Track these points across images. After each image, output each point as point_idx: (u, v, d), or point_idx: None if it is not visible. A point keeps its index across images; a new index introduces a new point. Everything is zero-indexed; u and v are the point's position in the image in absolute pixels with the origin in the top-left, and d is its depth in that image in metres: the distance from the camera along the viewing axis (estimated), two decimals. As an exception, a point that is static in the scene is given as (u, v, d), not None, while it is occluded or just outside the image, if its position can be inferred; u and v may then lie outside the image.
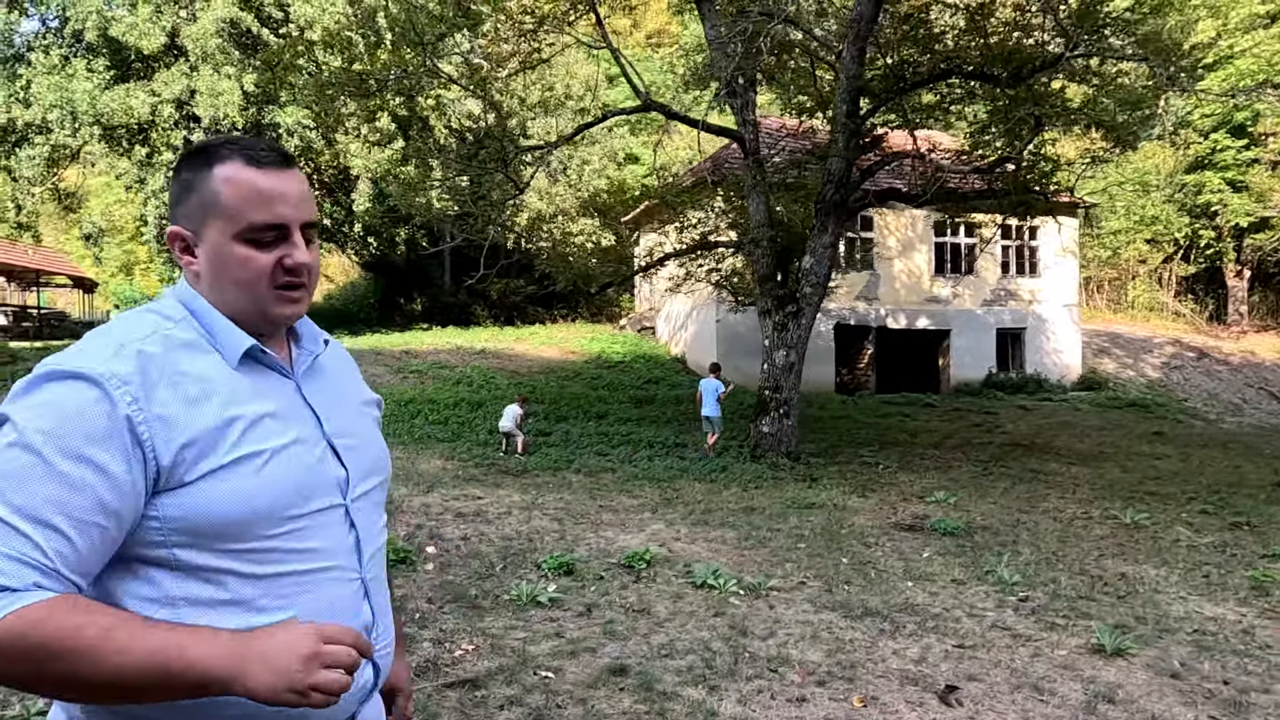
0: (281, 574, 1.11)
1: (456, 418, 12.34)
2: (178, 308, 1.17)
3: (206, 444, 1.06)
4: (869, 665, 4.04)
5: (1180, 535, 8.12)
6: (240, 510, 1.07)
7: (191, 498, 1.05)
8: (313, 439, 1.18)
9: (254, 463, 1.09)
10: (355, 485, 1.22)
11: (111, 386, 1.02)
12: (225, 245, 1.14)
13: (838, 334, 20.37)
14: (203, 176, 1.15)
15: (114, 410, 1.02)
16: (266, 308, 1.17)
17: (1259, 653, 4.64)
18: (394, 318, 24.53)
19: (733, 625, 4.51)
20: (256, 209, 1.14)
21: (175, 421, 1.05)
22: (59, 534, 0.97)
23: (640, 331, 22.65)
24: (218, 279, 1.16)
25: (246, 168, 1.15)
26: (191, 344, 1.13)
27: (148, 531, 1.05)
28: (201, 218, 1.15)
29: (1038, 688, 3.85)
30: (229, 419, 1.09)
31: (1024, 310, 21.79)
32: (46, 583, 0.97)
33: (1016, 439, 15.03)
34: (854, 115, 11.07)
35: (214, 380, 1.11)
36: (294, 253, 1.17)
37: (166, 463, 1.04)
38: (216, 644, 0.99)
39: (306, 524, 1.13)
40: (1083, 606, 5.32)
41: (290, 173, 1.18)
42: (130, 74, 17.21)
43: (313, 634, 1.02)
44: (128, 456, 1.01)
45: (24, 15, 16.76)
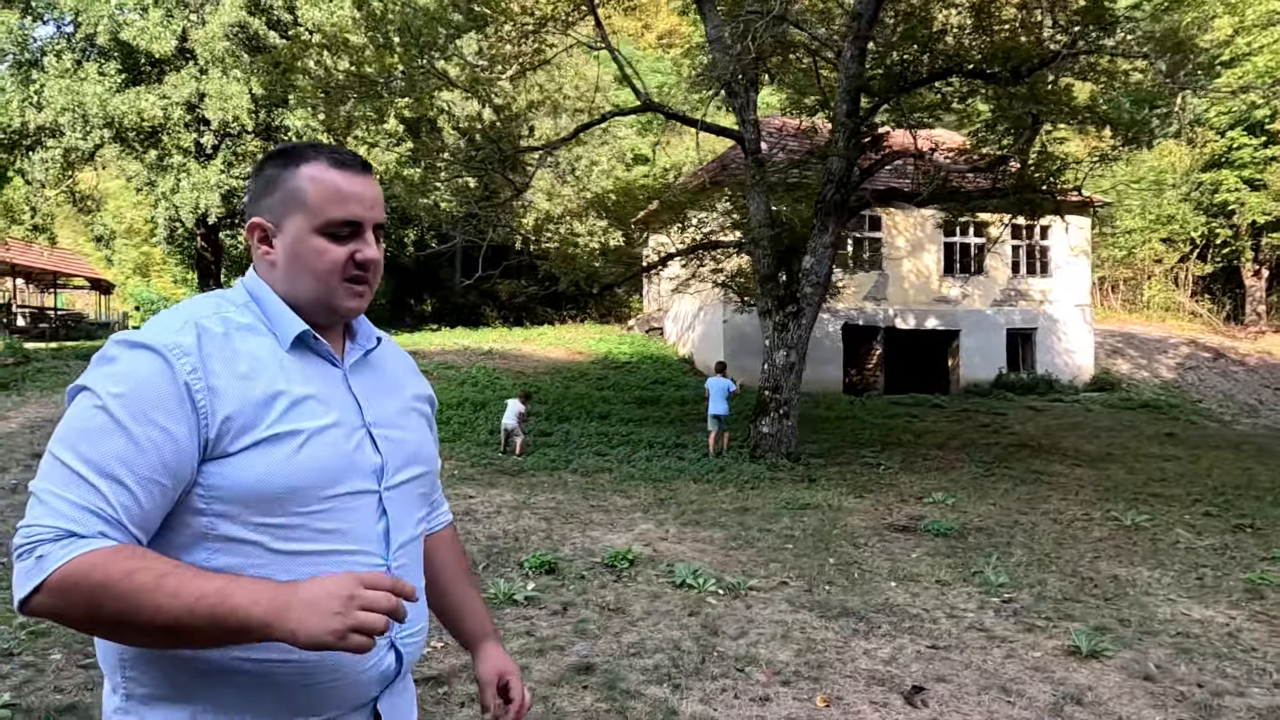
0: (306, 552, 1.14)
1: (459, 418, 12.39)
2: (242, 293, 1.25)
3: (250, 417, 1.12)
4: (837, 665, 4.02)
5: (1180, 537, 8.03)
6: (276, 484, 1.12)
7: (232, 468, 1.11)
8: (351, 424, 1.22)
9: (293, 441, 1.14)
10: (391, 473, 1.25)
11: (174, 356, 1.10)
12: (305, 237, 1.22)
13: (846, 334, 20.28)
14: (289, 174, 1.23)
15: (175, 377, 1.09)
16: (335, 298, 1.23)
17: (1241, 656, 4.57)
18: (404, 318, 24.68)
19: (705, 625, 4.50)
20: (336, 206, 1.21)
21: (225, 393, 1.11)
22: (125, 488, 1.06)
23: (648, 332, 22.64)
24: (293, 268, 1.23)
25: (331, 169, 1.23)
26: (249, 327, 1.20)
27: (193, 498, 1.11)
28: (283, 211, 1.23)
29: (1006, 689, 3.81)
30: (273, 394, 1.15)
31: (1035, 310, 21.59)
32: (111, 532, 1.05)
33: (1023, 440, 14.89)
34: (854, 114, 11.02)
35: (264, 359, 1.17)
36: (365, 249, 1.24)
37: (213, 433, 1.10)
38: (259, 591, 1.03)
39: (336, 505, 1.17)
40: (1067, 608, 5.27)
41: (368, 178, 1.26)
42: (141, 77, 17.41)
43: (351, 578, 1.05)
44: (188, 420, 1.09)
45: (38, 21, 17.02)
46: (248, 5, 17.39)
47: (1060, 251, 21.65)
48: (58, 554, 1.01)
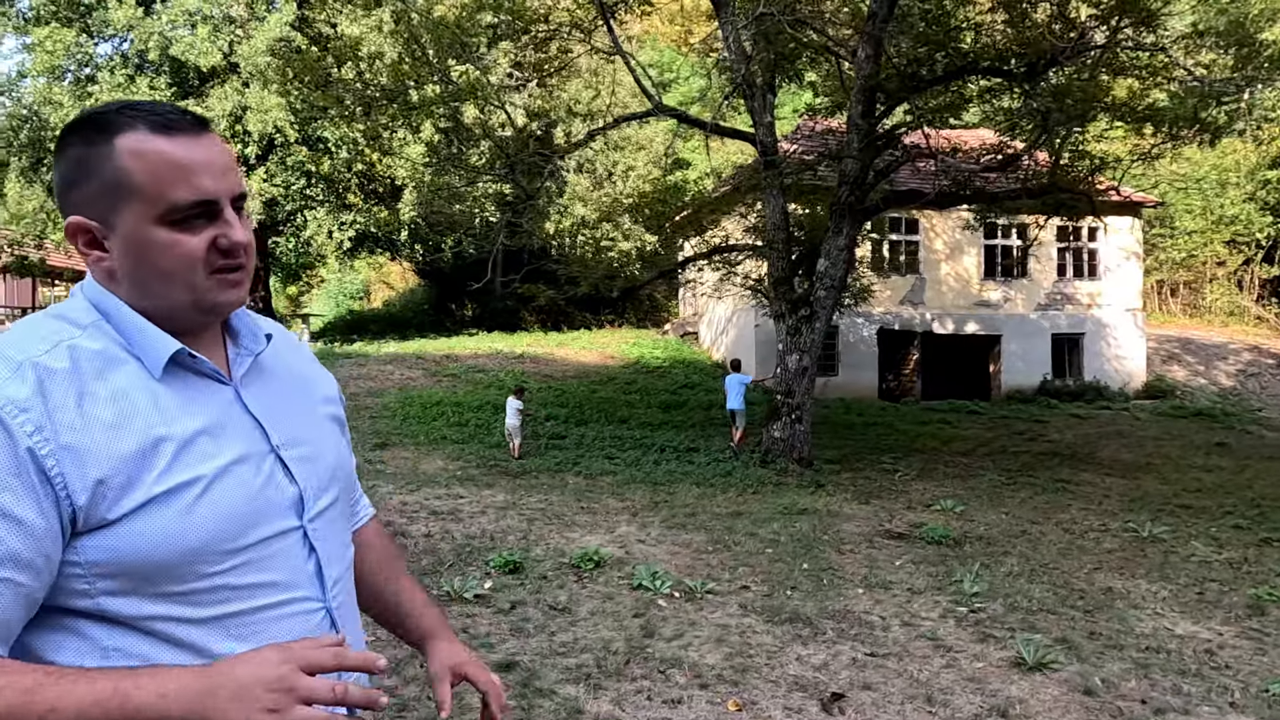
0: (232, 614, 0.96)
1: (477, 420, 12.56)
2: (86, 310, 0.99)
3: (130, 475, 0.91)
4: (765, 670, 3.97)
5: (1196, 550, 7.70)
6: (176, 549, 0.92)
7: (117, 539, 0.90)
8: (257, 455, 1.01)
9: (189, 492, 0.93)
10: (312, 503, 1.06)
11: (8, 415, 0.87)
12: (144, 232, 0.96)
13: (881, 339, 19.93)
14: (101, 152, 0.96)
15: (13, 444, 0.86)
16: (205, 297, 0.99)
17: (1209, 673, 4.37)
18: (445, 323, 25.12)
19: (645, 627, 4.49)
20: (178, 185, 0.96)
21: (89, 451, 0.89)
22: None
23: (683, 337, 22.62)
24: (139, 273, 0.98)
25: (154, 136, 0.96)
26: (103, 354, 0.95)
27: (69, 579, 0.90)
28: (109, 203, 0.96)
29: (931, 699, 3.71)
30: (154, 441, 0.93)
31: (1082, 314, 20.89)
32: None
33: (1058, 448, 14.43)
34: (869, 115, 10.86)
35: (133, 396, 0.94)
36: (229, 231, 0.99)
37: (83, 501, 0.89)
38: (168, 682, 0.84)
39: (256, 554, 0.98)
40: (1038, 619, 5.10)
41: (208, 137, 1.00)
42: (189, 91, 18.14)
43: (285, 663, 0.86)
44: (36, 497, 0.87)
45: (94, 39, 17.87)
46: (292, 21, 17.97)
47: (1110, 253, 20.93)
48: None
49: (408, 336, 22.60)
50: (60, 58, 17.14)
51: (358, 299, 31.09)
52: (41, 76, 17.39)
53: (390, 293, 30.71)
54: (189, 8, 17.73)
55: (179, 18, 17.84)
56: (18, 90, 17.61)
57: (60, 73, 17.53)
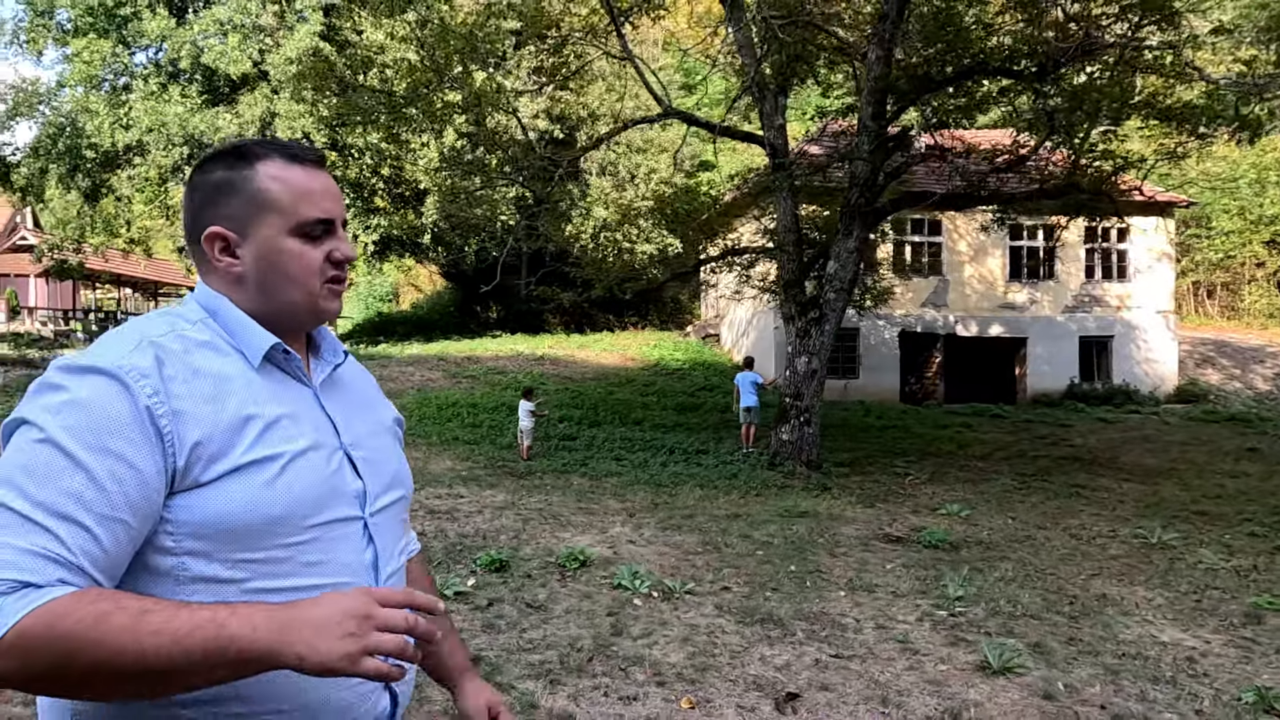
0: (293, 588, 1.04)
1: (491, 421, 12.72)
2: (196, 310, 1.15)
3: (223, 443, 1.02)
4: (725, 670, 4.02)
5: (1204, 557, 7.56)
6: (258, 515, 1.02)
7: (207, 500, 1.00)
8: (329, 447, 1.13)
9: (271, 466, 1.04)
10: (374, 499, 1.17)
11: (131, 379, 0.99)
12: (279, 241, 1.13)
13: (903, 342, 19.77)
14: (245, 175, 1.14)
15: (135, 401, 0.98)
16: (317, 302, 1.16)
17: (1184, 680, 4.32)
18: (470, 325, 25.41)
19: (615, 625, 4.56)
20: (308, 205, 1.14)
21: (192, 417, 1.01)
22: (83, 529, 0.93)
23: (705, 339, 22.64)
24: (268, 277, 1.14)
25: (290, 165, 1.15)
26: (209, 344, 1.10)
27: (160, 536, 1.00)
28: (248, 216, 1.13)
29: (887, 700, 3.73)
30: (245, 417, 1.05)
31: (1111, 317, 20.52)
32: (72, 578, 0.92)
33: (1079, 453, 14.20)
34: (879, 117, 10.81)
35: (231, 379, 1.07)
36: (342, 246, 1.17)
37: (183, 461, 1.00)
38: (256, 615, 0.92)
39: (322, 534, 1.08)
40: (1018, 625, 5.07)
41: (325, 172, 1.19)
42: (220, 98, 18.60)
43: (363, 594, 0.95)
44: (151, 448, 0.98)
45: (129, 49, 18.39)
46: (320, 31, 18.33)
47: (1140, 254, 20.54)
48: (11, 608, 0.87)
49: (432, 338, 22.92)
50: (97, 68, 17.68)
51: (387, 301, 31.55)
52: (79, 86, 17.94)
53: (418, 295, 31.12)
54: (220, 17, 18.18)
55: (210, 27, 18.30)
56: (57, 99, 18.20)
57: (97, 82, 18.08)
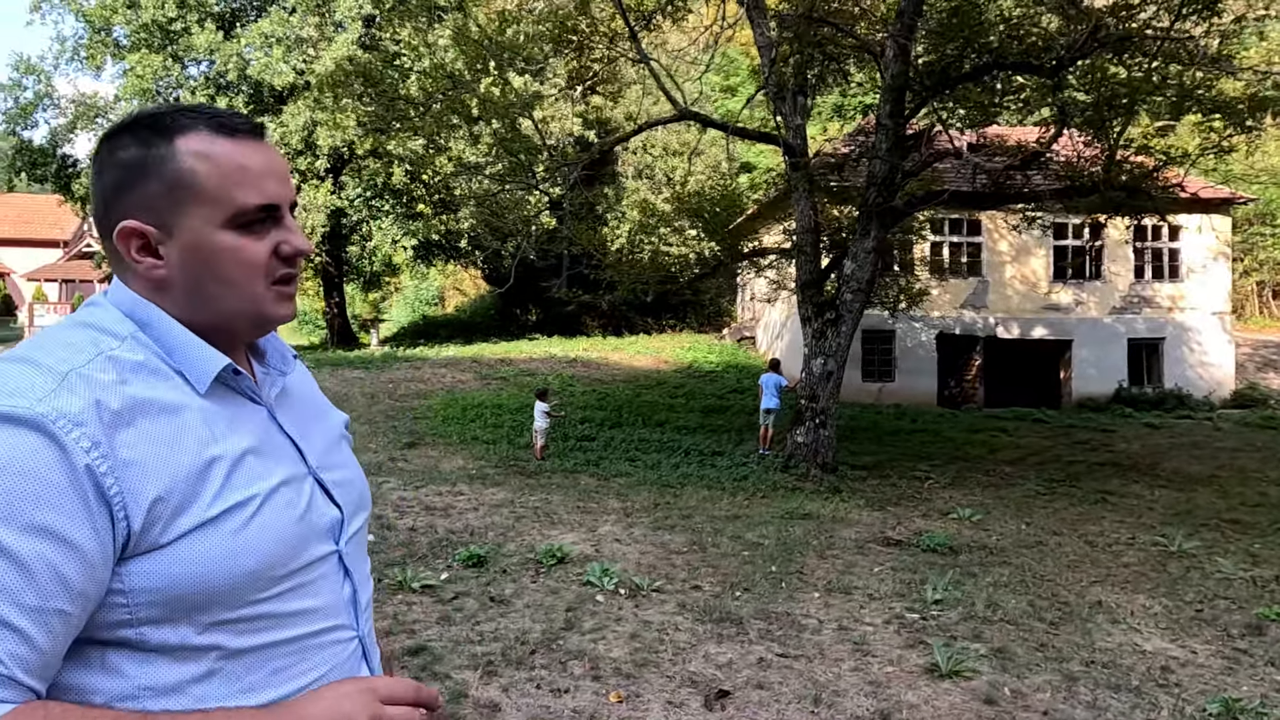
0: (273, 644, 0.91)
1: (513, 421, 12.87)
2: (120, 320, 0.92)
3: (185, 494, 0.85)
4: (665, 666, 4.02)
5: (1222, 567, 7.28)
6: (229, 574, 0.87)
7: (168, 563, 0.84)
8: (298, 477, 0.98)
9: (242, 513, 0.88)
10: (347, 525, 1.03)
11: (62, 431, 0.79)
12: (209, 236, 0.92)
13: (941, 344, 19.38)
14: (162, 154, 0.91)
15: (68, 460, 0.79)
16: (263, 308, 0.96)
17: (1149, 689, 4.17)
18: (510, 328, 25.76)
19: (570, 620, 4.60)
20: (245, 188, 0.92)
21: (145, 468, 0.83)
22: (11, 630, 0.76)
23: (740, 341, 22.55)
24: (198, 280, 0.93)
25: (218, 137, 0.93)
26: (146, 366, 0.89)
27: (110, 609, 0.83)
28: (170, 206, 0.91)
29: (819, 699, 3.69)
30: (209, 460, 0.88)
31: (1162, 319, 19.79)
32: (3, 693, 0.76)
33: (1118, 458, 13.74)
34: (897, 115, 10.65)
35: (180, 411, 0.89)
36: (290, 237, 0.96)
37: (138, 523, 0.82)
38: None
39: (301, 579, 0.94)
40: (989, 630, 4.95)
41: (266, 143, 0.98)
42: (264, 109, 19.25)
43: (367, 694, 0.85)
44: (92, 519, 0.80)
45: (179, 63, 19.18)
46: (359, 39, 18.83)
47: (1194, 253, 19.76)
48: None
49: (472, 340, 23.29)
50: (149, 81, 18.47)
51: (432, 305, 32.21)
52: (134, 99, 18.76)
53: (462, 299, 31.66)
54: (265, 30, 18.82)
55: (256, 40, 18.95)
56: (113, 112, 19.07)
57: (150, 95, 18.89)
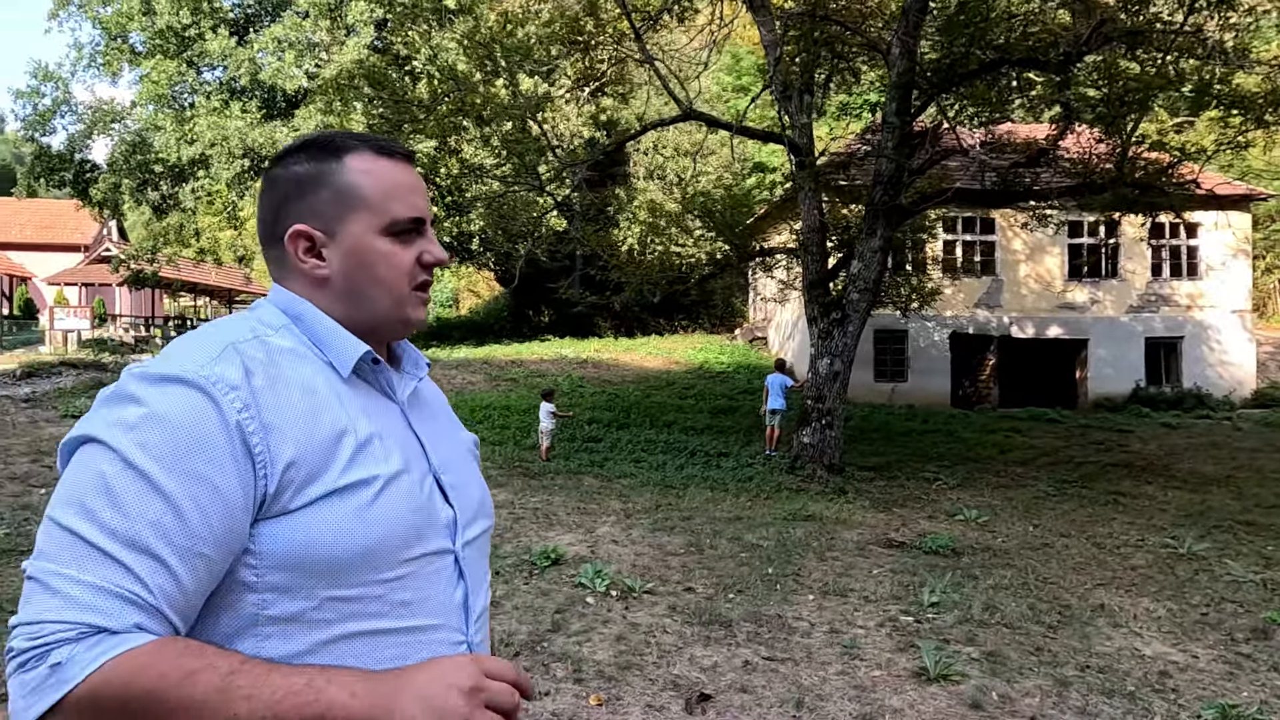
0: (384, 631, 0.94)
1: (520, 423, 12.87)
2: (277, 315, 1.03)
3: (316, 463, 0.91)
4: (649, 669, 3.99)
5: (1231, 570, 7.15)
6: (351, 546, 0.91)
7: (297, 528, 0.89)
8: (420, 471, 1.02)
9: (367, 490, 0.93)
10: (464, 528, 1.06)
11: (218, 391, 0.88)
12: (369, 240, 1.02)
13: (955, 344, 19.20)
14: (331, 168, 1.03)
15: (222, 417, 0.87)
16: (404, 310, 1.05)
17: (1144, 694, 4.09)
18: (523, 329, 25.80)
19: (557, 622, 4.58)
20: (399, 201, 1.04)
21: (284, 433, 0.91)
22: (162, 565, 0.82)
23: (752, 342, 22.46)
24: (355, 279, 1.03)
25: (380, 158, 1.05)
26: (294, 352, 0.99)
27: (241, 569, 0.89)
28: (336, 213, 1.02)
29: (802, 703, 3.65)
30: (339, 433, 0.94)
31: (1181, 317, 19.51)
32: (150, 624, 0.82)
33: (1132, 459, 13.55)
34: (903, 113, 10.56)
35: (321, 391, 0.97)
36: (432, 248, 1.07)
37: (274, 485, 0.89)
38: (356, 682, 0.85)
39: (416, 569, 0.97)
40: (984, 633, 4.88)
41: (413, 166, 1.10)
42: (277, 113, 19.41)
43: (472, 665, 0.90)
44: (239, 470, 0.87)
45: (194, 69, 19.38)
46: (370, 44, 18.96)
47: (1213, 250, 19.46)
48: (84, 658, 0.78)
49: (485, 342, 23.35)
50: (164, 87, 18.68)
51: (447, 307, 32.34)
52: (149, 104, 18.98)
53: (476, 301, 31.76)
54: (277, 35, 18.97)
55: (269, 45, 19.11)
56: (129, 117, 19.31)
57: (165, 100, 19.10)
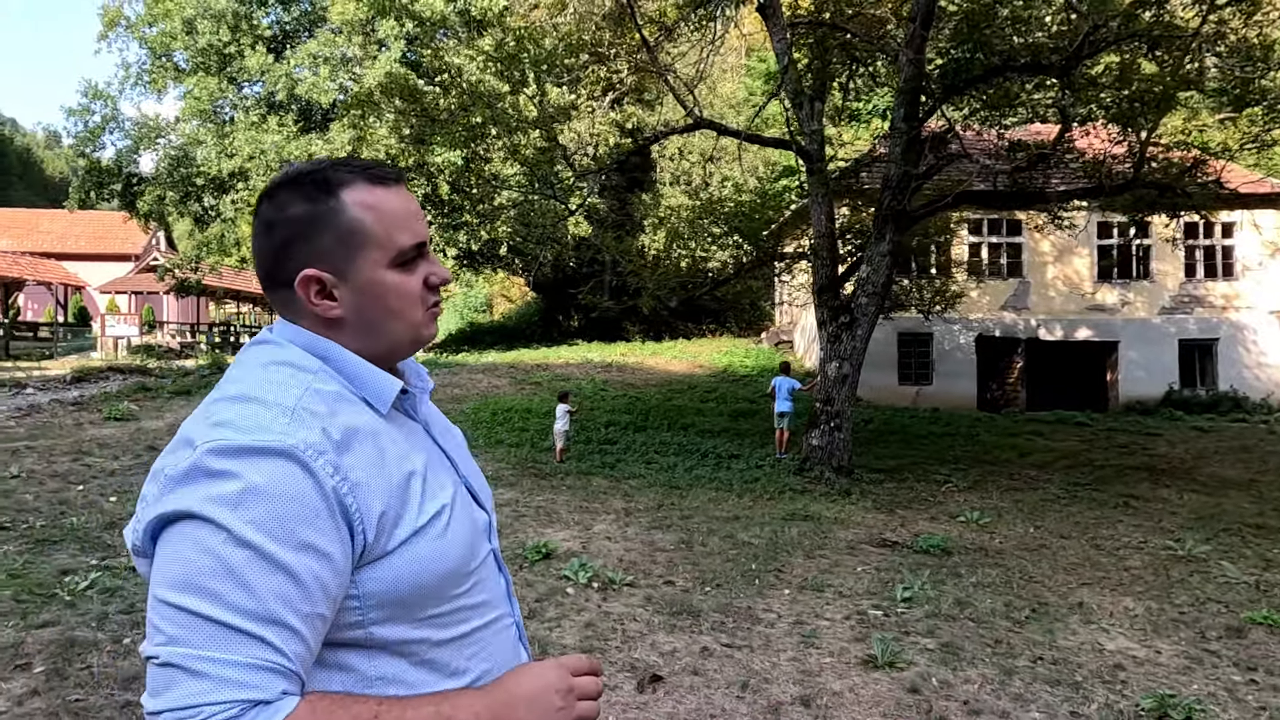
0: (468, 633, 1.06)
1: (539, 425, 13.20)
2: (307, 357, 1.04)
3: (399, 508, 0.98)
4: (612, 652, 4.25)
5: (1226, 571, 7.17)
6: (437, 574, 1.00)
7: (393, 569, 0.97)
8: (456, 484, 1.11)
9: (440, 521, 1.02)
10: (493, 526, 1.18)
11: (309, 458, 0.92)
12: (379, 275, 1.04)
13: (981, 346, 19.11)
14: (332, 208, 1.03)
15: (319, 485, 0.91)
16: (420, 332, 1.10)
17: (1091, 685, 4.23)
18: (553, 333, 26.22)
19: (534, 609, 4.85)
20: (402, 231, 1.05)
21: (370, 487, 0.96)
22: (293, 632, 0.88)
23: (778, 345, 22.56)
24: (371, 315, 1.05)
25: (375, 188, 1.05)
26: (339, 395, 1.01)
27: (345, 612, 0.96)
28: (345, 253, 1.03)
29: (747, 685, 3.87)
30: (408, 475, 1.01)
31: (1215, 318, 19.17)
32: (291, 687, 0.88)
33: (1154, 463, 13.42)
34: (911, 119, 10.68)
35: (380, 435, 1.01)
36: (436, 268, 1.10)
37: (372, 536, 0.95)
38: (477, 701, 0.97)
39: (480, 575, 1.09)
40: (948, 626, 5.04)
41: (405, 187, 1.10)
42: (313, 126, 20.09)
43: (560, 668, 1.02)
44: (340, 533, 0.92)
45: (233, 84, 20.18)
46: (400, 58, 19.52)
47: (1249, 250, 19.09)
48: None
49: (514, 347, 23.81)
50: (205, 103, 19.46)
51: (480, 312, 32.96)
52: (192, 120, 19.80)
53: (509, 306, 32.33)
54: (312, 51, 19.64)
55: (304, 60, 19.80)
56: (173, 131, 20.17)
57: (206, 115, 19.91)
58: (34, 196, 58.13)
